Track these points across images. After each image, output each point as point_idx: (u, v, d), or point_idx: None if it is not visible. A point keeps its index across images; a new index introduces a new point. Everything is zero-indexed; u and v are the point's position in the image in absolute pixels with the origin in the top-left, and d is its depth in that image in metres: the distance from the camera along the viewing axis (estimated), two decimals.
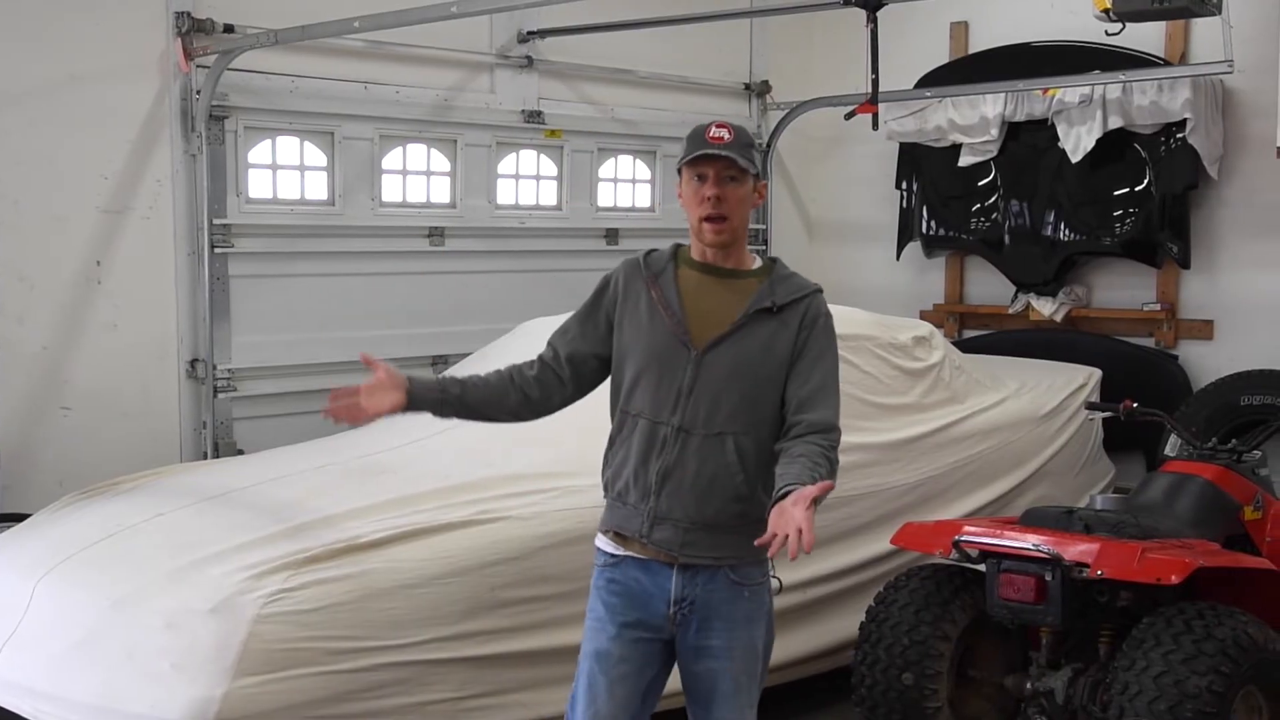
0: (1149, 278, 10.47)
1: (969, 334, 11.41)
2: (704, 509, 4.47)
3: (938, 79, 11.04)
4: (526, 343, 4.71)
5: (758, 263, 4.70)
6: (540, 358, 4.73)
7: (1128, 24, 7.18)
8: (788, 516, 3.93)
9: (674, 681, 4.70)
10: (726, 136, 4.51)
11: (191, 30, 7.97)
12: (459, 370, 7.62)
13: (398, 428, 7.09)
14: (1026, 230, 10.78)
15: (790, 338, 4.54)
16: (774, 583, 4.71)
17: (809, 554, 3.90)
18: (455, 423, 4.67)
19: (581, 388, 4.75)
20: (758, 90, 11.68)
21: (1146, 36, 9.74)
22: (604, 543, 4.68)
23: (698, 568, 4.52)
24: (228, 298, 8.33)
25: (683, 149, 4.60)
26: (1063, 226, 10.60)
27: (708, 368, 4.48)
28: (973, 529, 6.15)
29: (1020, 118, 10.59)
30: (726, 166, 4.51)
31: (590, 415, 4.82)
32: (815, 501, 3.96)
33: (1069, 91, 10.14)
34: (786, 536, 3.87)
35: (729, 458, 4.47)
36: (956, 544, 6.04)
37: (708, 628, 4.54)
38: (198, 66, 8.04)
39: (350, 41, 8.56)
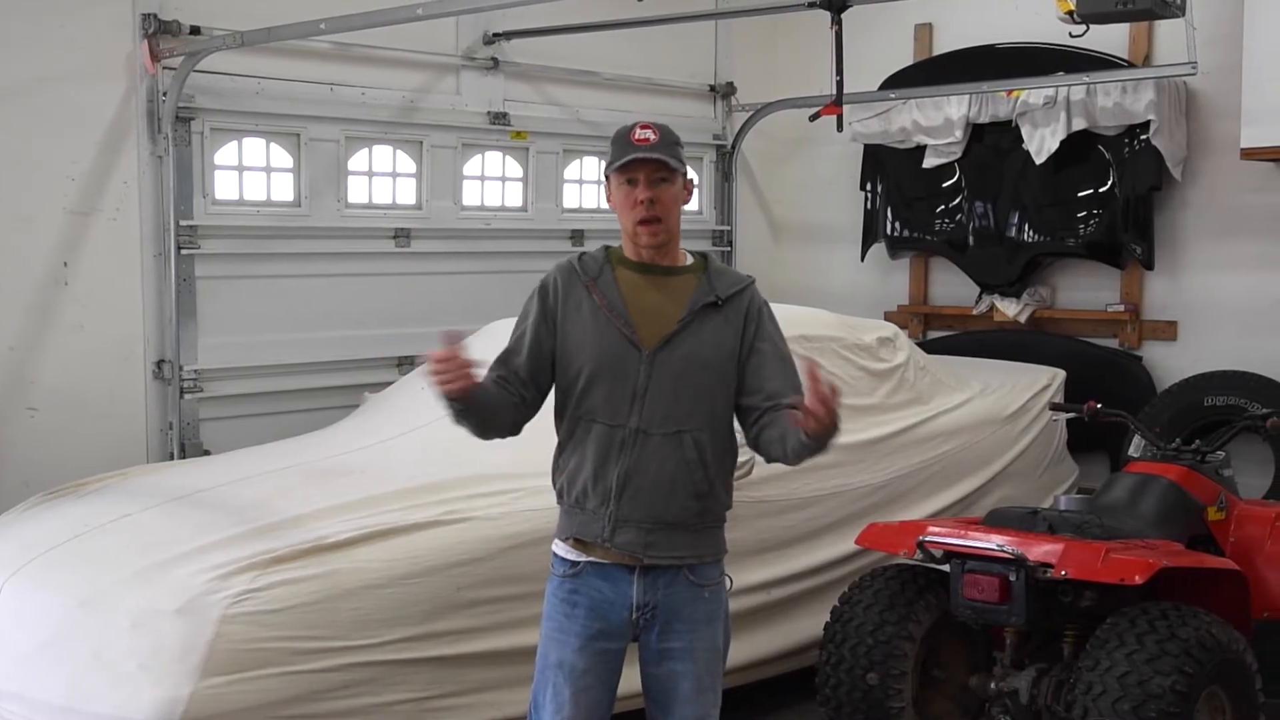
0: (1113, 279, 10.50)
1: (933, 335, 11.44)
2: (668, 508, 4.48)
3: (902, 81, 11.06)
4: (492, 344, 4.68)
5: (689, 259, 4.69)
6: (503, 381, 4.59)
7: (1091, 26, 7.19)
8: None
9: (632, 683, 4.72)
10: (653, 137, 4.48)
11: (158, 32, 7.95)
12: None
13: (365, 428, 7.12)
14: (991, 231, 10.81)
15: (736, 331, 4.57)
16: (726, 581, 4.73)
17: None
18: (420, 423, 4.64)
19: (541, 400, 4.69)
20: (722, 92, 11.69)
21: (1110, 38, 9.77)
22: (563, 550, 4.65)
23: (658, 571, 4.52)
24: (194, 299, 8.30)
25: (609, 154, 4.56)
26: (1027, 228, 10.62)
27: (660, 367, 4.48)
28: (937, 529, 6.16)
29: (985, 119, 10.60)
30: (656, 168, 4.49)
31: None
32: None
33: (1033, 93, 10.17)
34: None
35: (688, 455, 4.48)
36: (921, 544, 6.05)
37: (669, 630, 4.56)
38: (164, 68, 8.02)
39: (316, 43, 8.55)
